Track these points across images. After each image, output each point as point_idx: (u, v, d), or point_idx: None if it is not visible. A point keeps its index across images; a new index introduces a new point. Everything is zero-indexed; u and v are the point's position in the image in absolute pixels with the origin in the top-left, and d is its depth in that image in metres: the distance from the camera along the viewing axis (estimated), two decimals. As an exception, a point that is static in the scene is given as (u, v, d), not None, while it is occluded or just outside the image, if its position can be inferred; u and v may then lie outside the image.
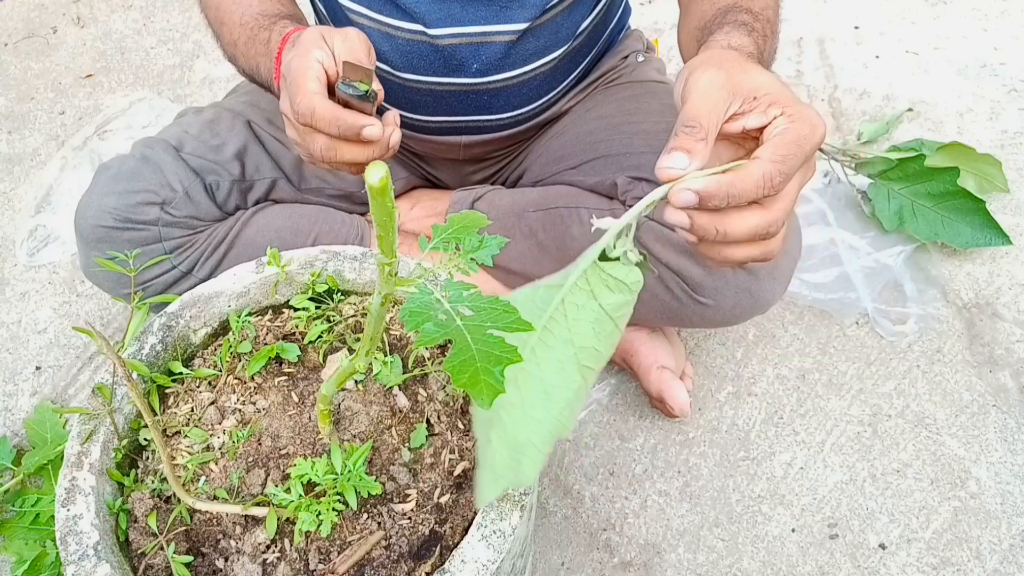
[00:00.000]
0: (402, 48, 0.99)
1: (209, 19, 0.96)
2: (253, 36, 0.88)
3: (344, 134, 0.72)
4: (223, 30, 0.92)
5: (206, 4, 0.96)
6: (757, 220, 0.58)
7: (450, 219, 0.53)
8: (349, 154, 0.74)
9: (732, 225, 0.58)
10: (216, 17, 0.94)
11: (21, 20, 1.95)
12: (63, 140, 1.66)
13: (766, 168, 0.56)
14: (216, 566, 0.66)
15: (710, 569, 1.07)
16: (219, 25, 0.93)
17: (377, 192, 0.42)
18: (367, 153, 0.75)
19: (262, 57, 0.86)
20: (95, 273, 1.03)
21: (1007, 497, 1.12)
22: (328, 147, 0.74)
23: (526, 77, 1.02)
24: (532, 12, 0.95)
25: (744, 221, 0.58)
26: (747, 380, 1.25)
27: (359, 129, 0.72)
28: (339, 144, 0.74)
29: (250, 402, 0.75)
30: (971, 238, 1.32)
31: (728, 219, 0.57)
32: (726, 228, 0.58)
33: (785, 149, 0.57)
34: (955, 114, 1.59)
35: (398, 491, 0.69)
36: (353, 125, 0.72)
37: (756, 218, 0.58)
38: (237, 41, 0.90)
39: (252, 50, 0.88)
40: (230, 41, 0.92)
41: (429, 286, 0.46)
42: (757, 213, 0.58)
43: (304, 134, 0.75)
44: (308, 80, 0.73)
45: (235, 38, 0.90)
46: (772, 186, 0.57)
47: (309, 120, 0.72)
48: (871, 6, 1.83)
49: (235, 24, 0.90)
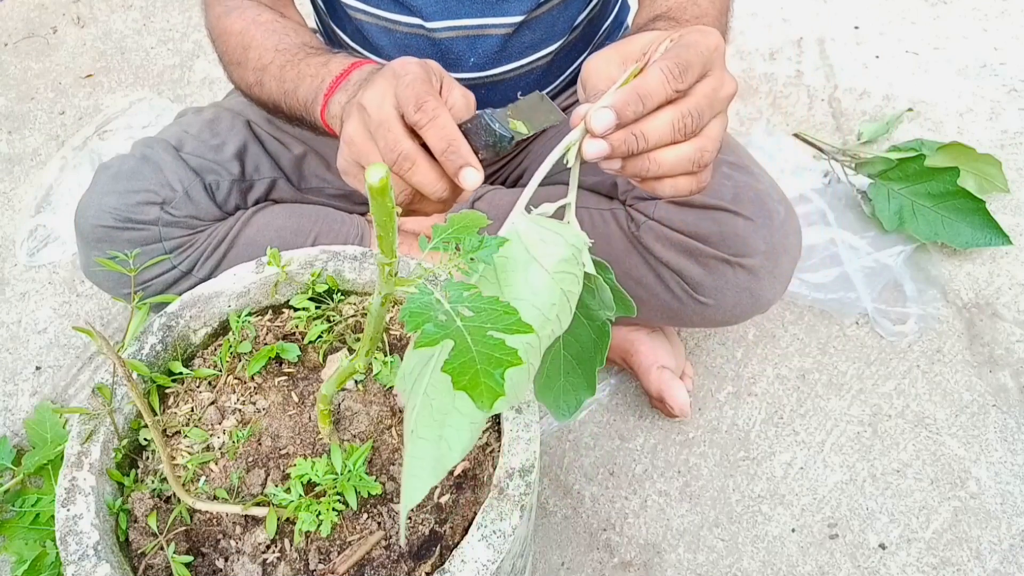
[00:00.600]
0: (400, 42, 0.99)
1: (229, 42, 0.92)
2: (294, 61, 0.84)
3: (446, 157, 0.61)
4: (249, 54, 0.89)
5: (224, 27, 0.93)
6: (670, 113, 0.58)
7: (450, 219, 0.53)
8: (422, 176, 0.64)
9: (648, 125, 0.58)
10: (240, 42, 0.90)
11: (21, 20, 1.95)
12: (63, 140, 1.66)
13: (663, 64, 0.57)
14: (216, 566, 0.66)
15: (710, 569, 1.07)
16: (243, 50, 0.90)
17: (377, 192, 0.42)
18: (437, 188, 0.64)
19: (308, 78, 0.81)
20: (95, 273, 1.03)
21: (1007, 497, 1.12)
22: (408, 157, 0.63)
23: (523, 71, 1.03)
24: (528, 4, 0.95)
25: (659, 118, 0.58)
26: (747, 380, 1.25)
27: (463, 164, 0.61)
28: (422, 162, 0.63)
29: (250, 402, 0.75)
30: (971, 238, 1.32)
31: (642, 123, 0.57)
32: (642, 129, 0.57)
33: (677, 50, 0.59)
34: (955, 114, 1.59)
35: (398, 491, 0.69)
36: (463, 157, 0.61)
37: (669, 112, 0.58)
38: (268, 65, 0.86)
39: (291, 73, 0.83)
40: (257, 66, 0.87)
41: (429, 286, 0.46)
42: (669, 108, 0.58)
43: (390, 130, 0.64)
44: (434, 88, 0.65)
45: (266, 62, 0.86)
46: (674, 77, 0.57)
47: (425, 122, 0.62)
48: (871, 6, 1.83)
49: (267, 49, 0.86)
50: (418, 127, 0.63)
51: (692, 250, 0.96)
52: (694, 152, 0.60)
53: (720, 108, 0.61)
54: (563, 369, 0.66)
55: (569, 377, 0.66)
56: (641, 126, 0.58)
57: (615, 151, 0.58)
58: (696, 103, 0.59)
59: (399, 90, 0.64)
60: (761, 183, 0.98)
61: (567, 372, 0.66)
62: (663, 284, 1.00)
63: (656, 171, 0.60)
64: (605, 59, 0.63)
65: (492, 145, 0.63)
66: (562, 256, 0.55)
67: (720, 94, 0.60)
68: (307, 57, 0.83)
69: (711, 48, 0.59)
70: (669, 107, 0.58)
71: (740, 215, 0.94)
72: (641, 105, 0.57)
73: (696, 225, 0.96)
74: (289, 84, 0.83)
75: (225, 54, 0.94)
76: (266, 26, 0.89)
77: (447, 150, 0.61)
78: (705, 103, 0.59)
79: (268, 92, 0.88)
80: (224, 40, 0.93)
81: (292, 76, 0.83)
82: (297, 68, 0.83)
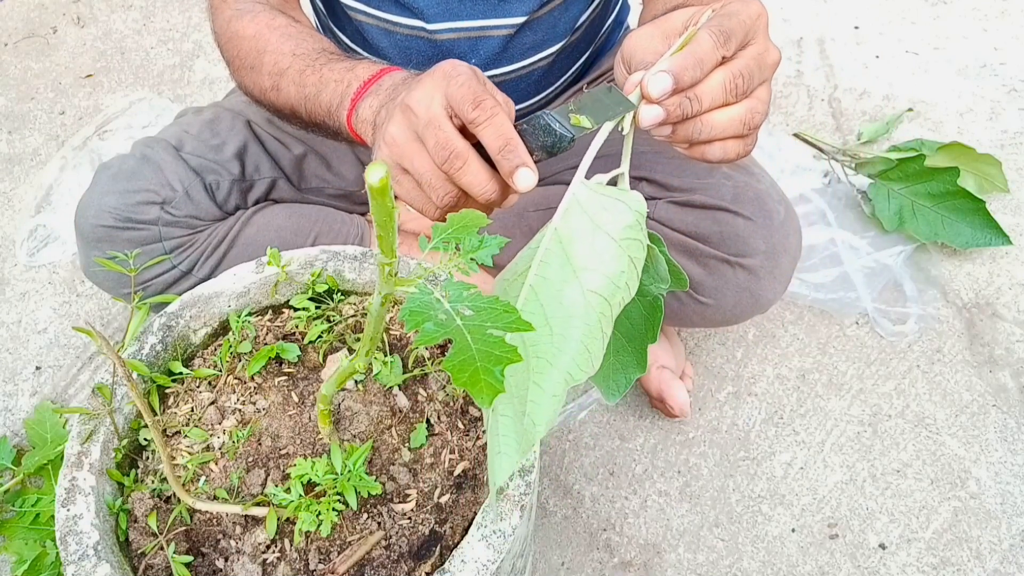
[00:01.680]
0: (401, 44, 0.99)
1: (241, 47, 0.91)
2: (315, 66, 0.82)
3: (502, 156, 0.60)
4: (264, 58, 0.87)
5: (235, 30, 0.92)
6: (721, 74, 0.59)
7: (450, 219, 0.53)
8: (473, 176, 0.62)
9: (702, 89, 0.58)
10: (254, 46, 0.89)
11: (21, 20, 1.95)
12: (63, 140, 1.66)
13: (710, 28, 0.58)
14: (216, 566, 0.66)
15: (710, 569, 1.07)
16: (257, 54, 0.88)
17: (377, 192, 0.42)
18: (487, 189, 0.62)
19: (332, 83, 0.79)
20: (95, 273, 1.03)
21: (1007, 497, 1.12)
22: (460, 156, 0.62)
23: (524, 72, 1.03)
24: (530, 6, 0.95)
25: (711, 80, 0.58)
26: (747, 380, 1.25)
27: (519, 164, 0.59)
28: (474, 161, 0.62)
29: (250, 402, 0.75)
30: (971, 238, 1.32)
31: (697, 88, 0.58)
32: (697, 93, 0.58)
33: (721, 17, 0.59)
34: (955, 114, 1.59)
35: (398, 491, 0.69)
36: (519, 157, 0.60)
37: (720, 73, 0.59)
38: (286, 70, 0.85)
39: (312, 78, 0.82)
40: (274, 70, 0.86)
41: (429, 286, 0.46)
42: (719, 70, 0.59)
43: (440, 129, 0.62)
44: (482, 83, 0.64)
45: (283, 67, 0.85)
46: (724, 40, 0.58)
47: (483, 120, 0.61)
48: (871, 6, 1.83)
49: (284, 54, 0.85)
50: (475, 125, 0.61)
51: (692, 250, 0.96)
52: (745, 113, 0.60)
53: (767, 75, 0.61)
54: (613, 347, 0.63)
55: (619, 355, 0.63)
56: (695, 89, 0.58)
57: (670, 116, 0.58)
58: (746, 64, 0.59)
59: (452, 89, 0.63)
60: (761, 183, 0.98)
61: (616, 351, 0.63)
62: (663, 284, 1.00)
63: (708, 134, 0.60)
64: (648, 35, 0.63)
65: (549, 146, 0.60)
66: (627, 222, 0.54)
67: (766, 60, 0.61)
68: (329, 62, 0.82)
69: (754, 16, 0.60)
70: (719, 68, 0.59)
71: (740, 215, 0.95)
72: (699, 69, 0.57)
73: (696, 225, 0.96)
74: (310, 89, 0.82)
75: (236, 58, 0.92)
76: (281, 30, 0.88)
77: (504, 148, 0.60)
78: (754, 64, 0.60)
79: (286, 97, 0.86)
80: (235, 44, 0.92)
81: (314, 81, 0.82)
82: (319, 73, 0.82)
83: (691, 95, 0.58)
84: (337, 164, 1.12)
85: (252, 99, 0.94)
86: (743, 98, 0.60)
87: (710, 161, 0.63)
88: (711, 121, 0.60)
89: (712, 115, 0.60)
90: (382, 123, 0.70)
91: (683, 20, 0.63)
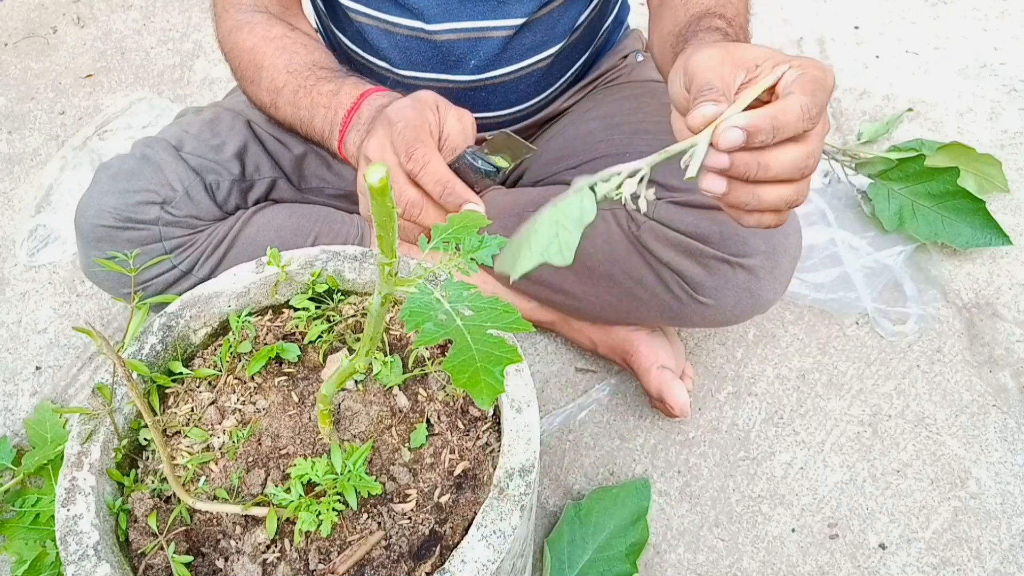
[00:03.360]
0: (401, 45, 0.99)
1: (241, 59, 0.92)
2: (307, 86, 0.84)
3: (444, 200, 0.66)
4: (262, 74, 0.89)
5: (235, 42, 0.92)
6: (796, 151, 0.58)
7: (450, 219, 0.53)
8: (431, 219, 0.68)
9: (773, 157, 0.58)
10: (252, 60, 0.90)
11: (21, 20, 1.95)
12: (63, 140, 1.66)
13: (803, 99, 0.57)
14: (216, 566, 0.66)
15: (710, 569, 1.07)
16: (255, 68, 0.90)
17: (377, 192, 0.42)
18: None
19: (321, 108, 0.83)
20: (95, 273, 1.03)
21: (1007, 497, 1.12)
22: (415, 204, 0.68)
23: (523, 73, 1.03)
24: (530, 7, 0.95)
25: (784, 153, 0.58)
26: (747, 380, 1.25)
27: (462, 204, 0.66)
28: (429, 206, 0.68)
29: (250, 402, 0.75)
30: (971, 238, 1.32)
31: (768, 153, 0.58)
32: (768, 161, 0.58)
33: (811, 84, 0.58)
34: (955, 114, 1.59)
35: (398, 491, 0.69)
36: (460, 197, 0.66)
37: (795, 150, 0.58)
38: (282, 88, 0.87)
39: (304, 100, 0.84)
40: (271, 88, 0.88)
41: (429, 286, 0.46)
42: (796, 146, 0.58)
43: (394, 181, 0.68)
44: (426, 133, 0.69)
45: (279, 85, 0.87)
46: (811, 117, 0.57)
47: (418, 170, 0.66)
48: (871, 6, 1.83)
49: (279, 70, 0.87)
50: (412, 176, 0.66)
51: (692, 250, 0.96)
52: (793, 194, 0.60)
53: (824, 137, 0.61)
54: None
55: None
56: (767, 157, 0.57)
57: (733, 169, 0.58)
58: (817, 148, 0.59)
59: (393, 140, 0.68)
60: (761, 183, 0.97)
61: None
62: (663, 284, 1.00)
63: (756, 205, 0.60)
64: (718, 59, 0.62)
65: (484, 177, 0.67)
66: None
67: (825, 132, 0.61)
68: (318, 83, 0.84)
69: (830, 86, 0.60)
70: (794, 145, 0.58)
71: (740, 215, 0.94)
72: (773, 136, 0.57)
73: (696, 225, 0.96)
74: (304, 112, 0.85)
75: (237, 70, 0.94)
76: (276, 43, 0.89)
77: (443, 193, 0.66)
78: (821, 142, 0.60)
79: (283, 115, 0.89)
80: (236, 56, 0.93)
81: (306, 104, 0.84)
82: (310, 96, 0.84)
83: (761, 159, 0.57)
84: (337, 164, 1.12)
85: (257, 108, 0.97)
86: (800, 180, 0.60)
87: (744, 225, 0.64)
88: (760, 194, 0.60)
89: (764, 188, 0.60)
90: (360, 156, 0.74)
91: (754, 57, 0.62)
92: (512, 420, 0.69)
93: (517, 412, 0.69)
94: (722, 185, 0.59)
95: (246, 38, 0.91)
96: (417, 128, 0.68)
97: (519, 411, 0.69)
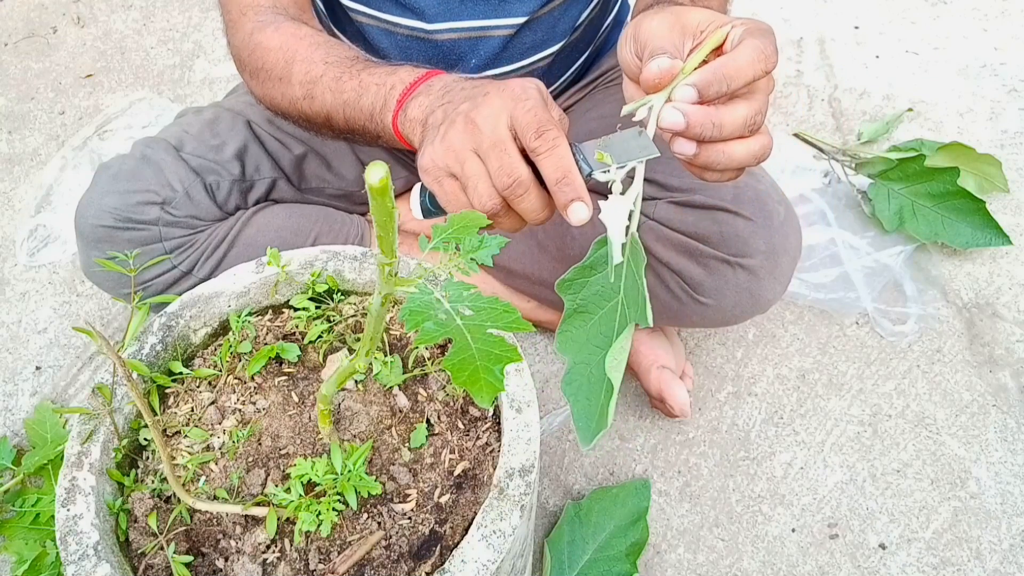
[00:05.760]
0: (401, 44, 0.99)
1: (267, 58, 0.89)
2: (352, 71, 0.82)
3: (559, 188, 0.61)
4: (294, 68, 0.86)
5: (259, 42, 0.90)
6: (745, 108, 0.61)
7: (450, 219, 0.53)
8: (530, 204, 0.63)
9: (726, 116, 0.60)
10: (281, 56, 0.88)
11: (21, 20, 1.95)
12: (63, 140, 1.66)
13: (753, 42, 0.60)
14: (216, 566, 0.66)
15: (710, 569, 1.07)
16: (286, 64, 0.87)
17: (377, 192, 0.42)
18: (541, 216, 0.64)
19: (373, 86, 0.79)
20: (95, 273, 1.03)
21: (1007, 497, 1.12)
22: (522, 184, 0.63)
23: (524, 72, 1.03)
24: (531, 6, 0.95)
25: (736, 111, 0.61)
26: (747, 380, 1.25)
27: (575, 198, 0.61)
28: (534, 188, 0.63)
29: (250, 402, 0.75)
30: (971, 238, 1.32)
31: (721, 112, 0.60)
32: (721, 119, 0.60)
33: (758, 32, 0.61)
34: (955, 114, 1.59)
35: (398, 491, 0.69)
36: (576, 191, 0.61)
37: (744, 107, 0.61)
38: (320, 77, 0.84)
39: (350, 83, 0.81)
40: (305, 79, 0.85)
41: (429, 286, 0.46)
42: (742, 103, 0.61)
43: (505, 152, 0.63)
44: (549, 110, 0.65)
45: (316, 75, 0.84)
46: (767, 56, 0.60)
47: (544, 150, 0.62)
48: (871, 6, 1.83)
49: (315, 62, 0.85)
50: (536, 154, 0.62)
51: (692, 250, 0.96)
52: (759, 148, 0.63)
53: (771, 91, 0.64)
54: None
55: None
56: (720, 116, 0.60)
57: (690, 128, 0.60)
58: (765, 102, 0.61)
59: (519, 114, 0.64)
60: (761, 183, 0.98)
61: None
62: (663, 284, 1.00)
63: (726, 163, 0.62)
64: (667, 25, 0.64)
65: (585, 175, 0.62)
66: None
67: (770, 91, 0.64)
68: (367, 67, 0.81)
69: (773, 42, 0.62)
70: (742, 102, 0.61)
71: (740, 215, 0.94)
72: (727, 85, 0.59)
73: (696, 225, 0.96)
74: (349, 94, 0.81)
75: (261, 70, 0.90)
76: (309, 39, 0.87)
77: (562, 180, 0.61)
78: (767, 101, 0.62)
79: (320, 104, 0.85)
80: (259, 56, 0.90)
81: (353, 86, 0.81)
82: (358, 78, 0.81)
83: (714, 119, 0.60)
84: (337, 164, 1.12)
85: (277, 111, 0.92)
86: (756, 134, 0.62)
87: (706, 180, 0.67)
88: (730, 152, 0.62)
89: (731, 145, 0.62)
90: (436, 124, 0.70)
91: (699, 21, 0.64)
92: (512, 420, 0.69)
93: (517, 412, 0.69)
94: (692, 147, 0.61)
95: (272, 37, 0.89)
96: (546, 109, 0.64)
97: (519, 411, 0.69)
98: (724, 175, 0.65)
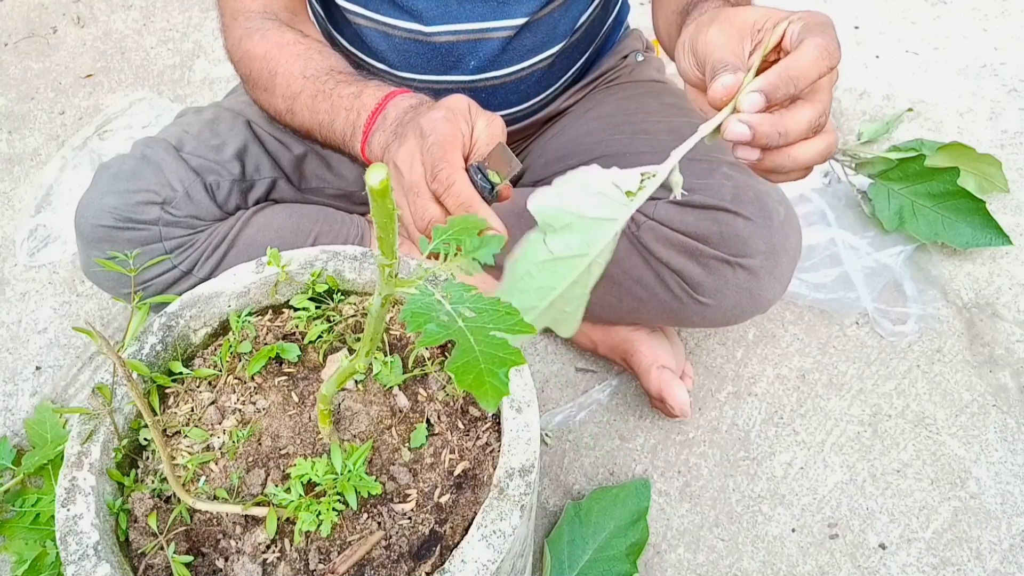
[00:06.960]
0: (399, 47, 0.99)
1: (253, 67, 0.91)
2: (325, 91, 0.83)
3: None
4: (276, 80, 0.88)
5: (246, 50, 0.91)
6: (810, 111, 0.60)
7: (450, 220, 0.53)
8: None
9: (791, 122, 0.59)
10: (265, 67, 0.89)
11: (21, 20, 1.95)
12: (63, 140, 1.66)
13: (815, 40, 0.58)
14: (216, 566, 0.66)
15: (710, 569, 1.07)
16: (269, 75, 0.88)
17: (377, 193, 0.42)
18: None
19: (343, 111, 0.81)
20: (95, 273, 1.03)
21: (1007, 497, 1.12)
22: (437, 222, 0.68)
23: (523, 73, 1.02)
24: (531, 7, 0.95)
25: (800, 115, 0.59)
26: (747, 380, 1.25)
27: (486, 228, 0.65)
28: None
29: (250, 402, 0.75)
30: (971, 238, 1.32)
31: (786, 119, 0.59)
32: (787, 127, 0.59)
33: (818, 28, 0.60)
34: (955, 114, 1.59)
35: (398, 491, 0.69)
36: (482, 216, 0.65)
37: (808, 110, 0.60)
38: (299, 94, 0.85)
39: (324, 104, 0.83)
40: (287, 94, 0.87)
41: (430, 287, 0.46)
42: (806, 106, 0.60)
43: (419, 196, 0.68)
44: (456, 149, 0.68)
45: (295, 91, 0.86)
46: (831, 53, 0.58)
47: (442, 192, 0.67)
48: (871, 6, 1.83)
49: (295, 76, 0.86)
50: (437, 195, 0.67)
51: (692, 250, 0.96)
52: (824, 147, 0.62)
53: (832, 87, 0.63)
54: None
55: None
56: (785, 123, 0.59)
57: (756, 139, 0.59)
58: (826, 96, 0.60)
59: (423, 154, 0.68)
60: (761, 183, 0.98)
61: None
62: (663, 284, 1.00)
63: (792, 166, 0.62)
64: (721, 32, 0.63)
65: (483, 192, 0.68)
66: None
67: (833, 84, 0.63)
68: (337, 86, 0.82)
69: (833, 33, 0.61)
70: (807, 106, 0.60)
71: (740, 215, 0.94)
72: (794, 87, 0.58)
73: (696, 225, 0.96)
74: (323, 116, 0.83)
75: (249, 78, 0.92)
76: (289, 49, 0.88)
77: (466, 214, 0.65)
78: (831, 97, 0.61)
79: (300, 121, 0.88)
80: (247, 64, 0.92)
81: (325, 108, 0.83)
82: (329, 100, 0.82)
83: (779, 127, 0.59)
84: (337, 164, 1.12)
85: (269, 116, 0.95)
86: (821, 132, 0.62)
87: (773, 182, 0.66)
88: (796, 155, 0.61)
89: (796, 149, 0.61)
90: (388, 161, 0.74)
91: (754, 20, 0.63)
92: (512, 420, 0.69)
93: (517, 412, 0.69)
94: (756, 154, 0.61)
95: (257, 45, 0.90)
96: (446, 145, 0.68)
97: (519, 411, 0.69)
98: (790, 176, 0.64)
